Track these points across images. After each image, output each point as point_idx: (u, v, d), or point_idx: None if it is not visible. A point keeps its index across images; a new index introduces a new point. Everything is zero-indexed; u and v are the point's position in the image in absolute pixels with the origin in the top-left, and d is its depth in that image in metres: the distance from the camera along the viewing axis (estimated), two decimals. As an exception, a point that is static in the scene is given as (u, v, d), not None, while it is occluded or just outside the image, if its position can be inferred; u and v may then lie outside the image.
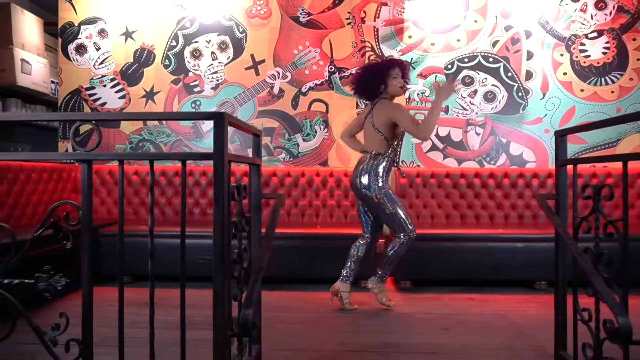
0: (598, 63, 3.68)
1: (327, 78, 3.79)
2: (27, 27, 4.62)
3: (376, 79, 2.53)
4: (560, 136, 1.76)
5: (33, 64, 4.57)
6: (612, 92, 3.66)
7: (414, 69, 3.74)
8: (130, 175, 3.78)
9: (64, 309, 1.38)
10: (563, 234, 1.62)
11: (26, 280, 1.31)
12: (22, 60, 4.42)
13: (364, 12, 3.77)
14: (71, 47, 3.94)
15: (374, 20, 3.77)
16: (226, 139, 1.29)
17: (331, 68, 3.78)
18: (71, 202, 1.34)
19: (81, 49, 3.92)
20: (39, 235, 1.34)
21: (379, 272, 2.68)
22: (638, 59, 3.65)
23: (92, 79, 3.91)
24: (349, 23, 3.77)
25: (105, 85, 3.90)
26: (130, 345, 1.40)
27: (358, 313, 2.63)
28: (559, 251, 1.75)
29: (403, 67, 2.57)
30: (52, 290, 1.32)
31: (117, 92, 3.89)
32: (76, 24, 3.93)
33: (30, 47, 4.63)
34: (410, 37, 3.76)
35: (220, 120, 1.27)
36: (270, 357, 1.90)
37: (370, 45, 3.77)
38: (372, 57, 3.76)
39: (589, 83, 3.69)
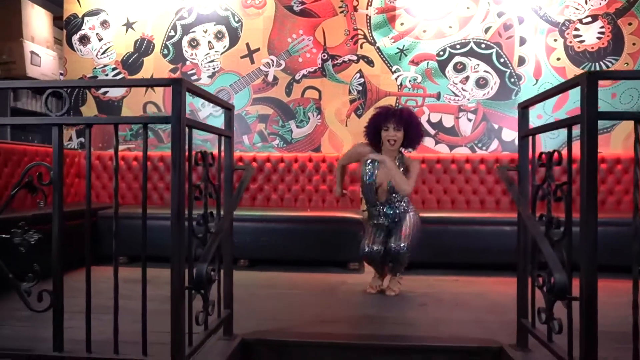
0: (592, 48, 3.66)
1: (320, 66, 3.85)
2: (37, 20, 4.82)
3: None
4: (522, 108, 1.80)
5: (42, 56, 4.76)
6: (607, 77, 3.63)
7: (406, 56, 3.78)
8: (131, 161, 3.92)
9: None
10: (516, 200, 1.66)
11: (2, 235, 1.42)
12: (32, 52, 4.62)
13: (357, 0, 3.82)
14: (75, 38, 4.10)
15: (367, 8, 3.82)
16: (184, 104, 1.38)
17: (324, 56, 3.85)
18: (43, 164, 1.45)
19: (84, 40, 4.09)
20: (16, 192, 1.46)
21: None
22: (634, 44, 3.61)
23: (95, 68, 4.07)
24: (342, 11, 3.83)
25: (107, 75, 4.05)
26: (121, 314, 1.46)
27: (342, 294, 2.67)
28: (520, 223, 1.79)
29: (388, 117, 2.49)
30: (27, 245, 1.44)
31: (118, 81, 4.03)
32: (80, 16, 4.09)
33: (40, 39, 4.82)
34: (402, 24, 3.80)
35: (178, 86, 1.36)
36: (243, 321, 1.98)
37: (362, 33, 3.82)
38: (364, 45, 3.81)
39: (583, 68, 3.66)
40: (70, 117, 1.38)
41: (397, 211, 2.59)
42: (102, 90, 4.07)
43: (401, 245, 2.45)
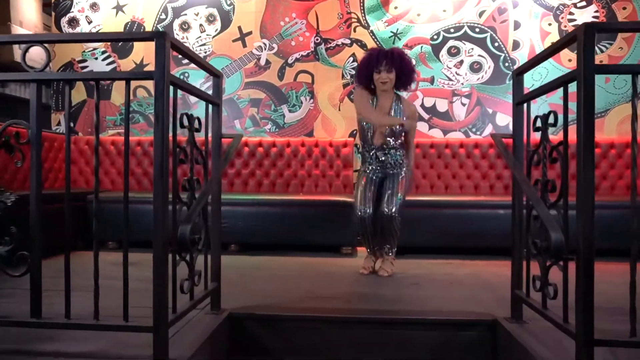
0: (587, 33, 3.63)
1: (313, 49, 3.80)
2: (25, 5, 4.72)
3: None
4: (517, 75, 1.76)
5: (31, 42, 4.67)
6: (601, 61, 3.61)
7: (400, 39, 3.74)
8: (121, 145, 3.85)
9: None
10: (511, 165, 1.62)
11: (-23, 197, 1.36)
12: (20, 37, 4.53)
13: (350, -17, 3.78)
14: (64, 21, 4.03)
15: (360, -9, 3.77)
16: (167, 59, 1.32)
17: (317, 39, 3.80)
18: (21, 121, 1.39)
19: (73, 23, 4.01)
20: (-10, 153, 1.39)
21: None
22: (628, 28, 3.59)
23: (84, 51, 3.99)
24: (335, -6, 3.79)
25: (96, 58, 3.98)
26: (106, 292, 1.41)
27: (335, 275, 2.62)
28: (515, 192, 1.75)
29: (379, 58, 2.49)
30: (2, 207, 1.38)
31: (108, 64, 3.96)
32: (69, -2, 4.02)
33: (28, 24, 4.73)
34: (396, 7, 3.75)
35: (161, 40, 1.30)
36: (232, 300, 1.92)
37: (356, 17, 3.77)
38: (357, 28, 3.77)
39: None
40: (48, 73, 1.33)
41: (392, 160, 2.56)
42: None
43: (393, 210, 2.42)
